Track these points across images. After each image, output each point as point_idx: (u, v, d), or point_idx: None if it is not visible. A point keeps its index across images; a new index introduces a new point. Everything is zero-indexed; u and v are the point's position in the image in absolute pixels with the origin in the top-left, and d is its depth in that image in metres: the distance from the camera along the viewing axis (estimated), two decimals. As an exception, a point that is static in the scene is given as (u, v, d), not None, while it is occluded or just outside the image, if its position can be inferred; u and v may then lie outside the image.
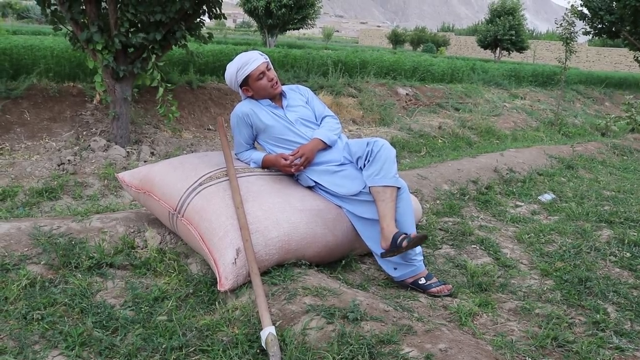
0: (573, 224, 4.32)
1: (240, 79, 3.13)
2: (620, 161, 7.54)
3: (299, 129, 3.20)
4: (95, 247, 3.05)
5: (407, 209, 2.97)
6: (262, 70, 3.10)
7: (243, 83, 3.15)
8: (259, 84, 3.11)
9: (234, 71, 3.14)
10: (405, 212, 2.95)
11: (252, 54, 3.15)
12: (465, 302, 2.84)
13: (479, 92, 11.48)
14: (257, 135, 3.27)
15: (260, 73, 3.09)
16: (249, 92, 3.19)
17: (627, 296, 3.01)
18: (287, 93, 3.31)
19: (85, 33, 4.93)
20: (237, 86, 3.20)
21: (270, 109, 3.21)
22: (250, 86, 3.15)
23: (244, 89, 3.19)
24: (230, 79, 3.18)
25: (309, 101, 3.38)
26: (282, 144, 3.20)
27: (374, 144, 2.95)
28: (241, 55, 3.17)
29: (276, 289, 2.59)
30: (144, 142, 5.64)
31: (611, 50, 41.02)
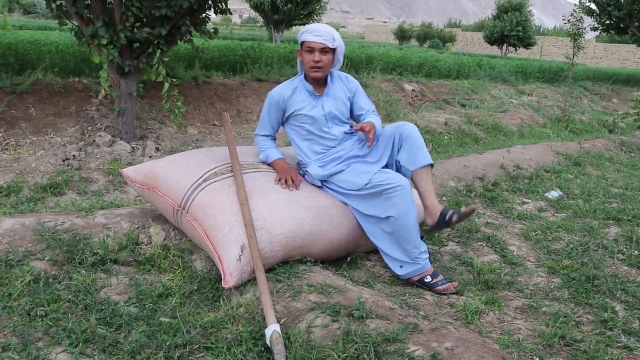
0: (580, 222, 4.28)
1: (300, 39, 3.14)
2: (628, 158, 7.48)
3: (327, 124, 3.19)
4: (100, 243, 3.04)
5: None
6: (315, 47, 3.06)
7: (300, 45, 3.15)
8: (305, 55, 3.10)
9: (303, 29, 3.16)
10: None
11: (324, 29, 3.11)
12: (471, 300, 2.82)
13: (486, 88, 11.41)
14: (286, 119, 3.24)
15: (311, 48, 3.06)
16: (300, 57, 3.17)
17: (635, 294, 2.98)
18: (332, 80, 3.27)
19: (91, 28, 4.90)
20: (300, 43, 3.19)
21: (308, 95, 3.18)
22: (302, 53, 3.14)
23: (298, 51, 3.18)
24: (298, 34, 3.19)
25: (353, 96, 3.34)
26: (305, 135, 3.20)
27: (403, 127, 3.07)
28: (319, 24, 3.17)
29: (281, 286, 2.57)
30: (149, 138, 5.63)
31: (619, 47, 40.77)
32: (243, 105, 7.30)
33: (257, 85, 7.76)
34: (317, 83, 3.20)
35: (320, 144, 3.19)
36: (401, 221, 2.87)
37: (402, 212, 2.86)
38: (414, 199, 2.94)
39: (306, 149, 3.23)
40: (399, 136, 3.08)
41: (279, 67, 8.58)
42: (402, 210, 2.86)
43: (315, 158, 3.20)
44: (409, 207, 2.88)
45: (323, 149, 3.20)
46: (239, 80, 7.69)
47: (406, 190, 2.87)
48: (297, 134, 3.24)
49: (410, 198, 2.89)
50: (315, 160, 3.19)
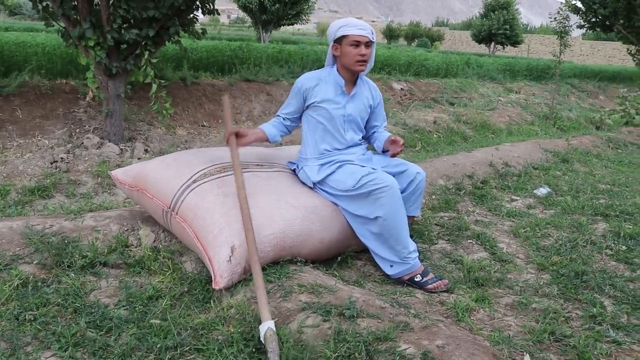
0: (569, 218, 4.31)
1: (340, 34, 3.08)
2: (615, 154, 7.55)
3: (344, 126, 3.21)
4: (89, 245, 3.02)
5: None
6: (361, 41, 3.05)
7: (338, 40, 3.11)
8: (349, 49, 3.06)
9: (340, 24, 3.12)
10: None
11: (366, 24, 3.11)
12: (462, 297, 2.83)
13: (474, 86, 11.45)
14: (307, 107, 3.22)
15: (357, 42, 3.04)
16: (336, 51, 3.13)
17: (623, 289, 3.01)
18: (362, 83, 3.28)
19: (78, 29, 4.87)
20: (331, 39, 3.15)
21: (337, 90, 3.17)
22: (341, 46, 3.10)
23: (334, 45, 3.14)
24: (332, 29, 3.15)
25: (376, 106, 3.37)
26: (318, 128, 3.19)
27: (417, 175, 3.20)
28: (356, 19, 3.17)
29: (271, 287, 2.57)
30: (137, 139, 5.60)
31: (605, 44, 41.09)
32: (232, 105, 7.28)
33: (245, 85, 7.74)
34: (350, 80, 3.20)
35: (328, 142, 3.19)
36: (389, 221, 2.88)
37: (390, 212, 2.87)
38: (401, 199, 2.94)
39: (312, 143, 3.22)
40: (411, 179, 3.19)
41: (267, 68, 8.56)
42: (390, 210, 2.87)
43: (316, 156, 3.19)
44: (397, 207, 2.88)
45: (329, 148, 3.20)
46: (227, 81, 7.66)
47: (394, 190, 2.87)
48: (310, 124, 3.22)
49: (398, 198, 2.90)
50: (316, 158, 3.19)
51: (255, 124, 7.12)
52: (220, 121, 6.85)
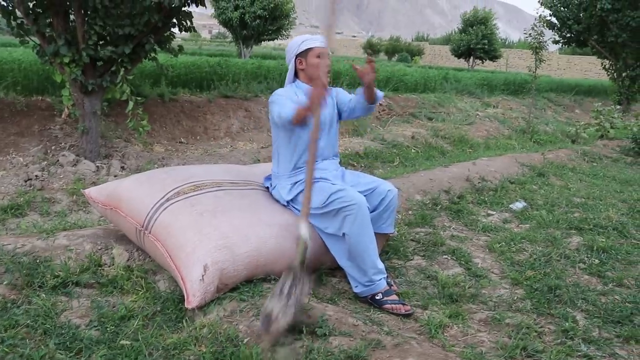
0: (544, 232, 4.36)
1: (303, 48, 3.13)
2: (590, 168, 7.65)
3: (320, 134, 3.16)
4: (61, 265, 2.98)
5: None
6: (324, 53, 3.03)
7: (302, 54, 3.14)
8: (316, 61, 3.11)
9: (301, 39, 3.16)
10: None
11: (322, 38, 3.12)
12: (435, 313, 2.84)
13: (452, 101, 11.58)
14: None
15: (322, 54, 3.07)
16: (301, 65, 3.16)
17: (595, 303, 3.05)
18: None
19: (52, 46, 4.85)
20: (293, 54, 3.17)
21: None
22: (306, 60, 3.14)
23: (298, 60, 3.17)
24: (293, 45, 3.18)
25: (337, 99, 3.39)
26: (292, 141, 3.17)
27: (388, 193, 3.16)
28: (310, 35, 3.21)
29: (244, 305, 2.56)
30: (114, 157, 5.56)
31: (581, 58, 41.83)
32: (210, 122, 7.27)
33: (224, 102, 7.75)
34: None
35: (300, 156, 3.18)
36: (355, 239, 2.88)
37: (356, 231, 2.87)
38: (369, 217, 2.94)
39: (286, 158, 3.19)
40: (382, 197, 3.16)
41: (246, 83, 8.58)
42: (356, 229, 2.87)
43: (288, 172, 3.18)
44: (363, 226, 2.88)
45: (302, 162, 3.19)
46: (205, 97, 7.66)
47: (360, 208, 2.87)
48: (284, 137, 3.18)
49: (365, 216, 2.89)
50: (288, 176, 3.18)
51: (233, 140, 7.12)
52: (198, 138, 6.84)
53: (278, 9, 22.62)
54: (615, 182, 6.60)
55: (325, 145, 3.28)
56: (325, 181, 3.08)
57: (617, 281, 3.40)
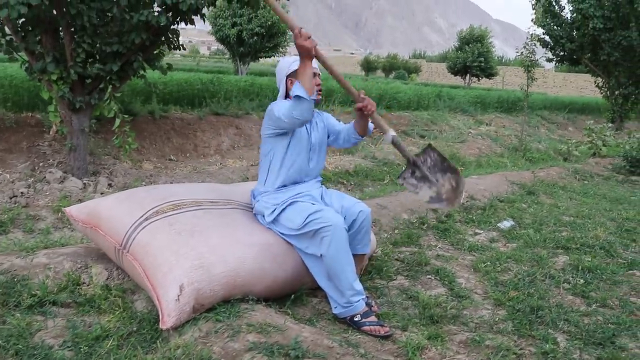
0: (530, 251, 4.34)
1: (293, 69, 3.14)
2: (581, 186, 7.65)
3: (309, 155, 3.24)
4: (39, 284, 2.95)
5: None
6: (315, 72, 3.13)
7: (292, 74, 3.15)
8: None
9: (291, 60, 3.19)
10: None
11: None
12: (414, 335, 2.82)
13: (445, 118, 11.62)
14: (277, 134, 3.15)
15: (313, 73, 3.06)
16: (292, 85, 3.12)
17: (577, 324, 3.03)
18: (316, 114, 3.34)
19: (40, 63, 4.86)
20: (284, 74, 3.19)
21: None
22: (293, 79, 3.13)
23: (289, 80, 3.18)
24: (283, 65, 3.21)
25: (327, 124, 3.41)
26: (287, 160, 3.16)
27: (360, 214, 3.13)
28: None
29: (220, 326, 2.54)
30: (101, 174, 5.55)
31: (577, 76, 42.06)
32: (200, 139, 7.28)
33: (214, 119, 7.76)
34: None
35: (291, 174, 3.17)
36: (332, 260, 2.86)
37: (333, 252, 2.85)
38: (346, 239, 2.92)
39: (274, 173, 3.17)
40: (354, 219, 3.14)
41: (238, 101, 8.60)
42: (333, 250, 2.85)
43: (274, 190, 3.16)
44: (339, 246, 2.86)
45: (291, 181, 3.19)
46: (196, 115, 7.68)
47: (337, 229, 2.85)
48: (278, 152, 3.16)
49: (342, 238, 2.87)
50: (274, 191, 3.16)
51: (223, 157, 7.12)
52: (188, 155, 6.84)
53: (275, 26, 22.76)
54: (606, 201, 6.61)
55: (314, 167, 3.31)
56: (305, 202, 3.07)
57: (601, 302, 3.38)
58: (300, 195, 3.13)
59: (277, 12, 2.99)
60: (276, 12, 2.99)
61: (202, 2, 4.79)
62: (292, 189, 3.18)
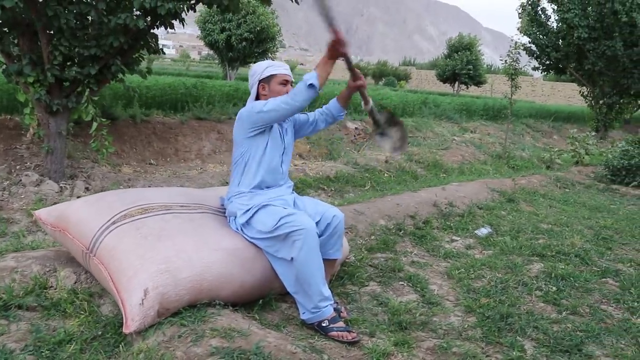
0: (505, 258, 4.35)
1: (266, 74, 3.16)
2: (562, 194, 7.68)
3: (282, 158, 3.26)
4: (5, 287, 2.92)
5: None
6: (288, 80, 3.19)
7: (265, 79, 3.17)
8: (279, 87, 3.15)
9: (265, 65, 3.20)
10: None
11: (286, 65, 3.26)
12: (382, 341, 2.81)
13: (430, 125, 11.65)
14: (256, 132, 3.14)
15: (285, 81, 3.17)
16: (264, 90, 3.18)
17: (546, 331, 3.04)
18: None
19: (16, 65, 4.83)
20: (257, 79, 3.19)
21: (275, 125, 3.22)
22: (269, 85, 3.16)
23: (261, 85, 3.19)
24: (257, 69, 3.21)
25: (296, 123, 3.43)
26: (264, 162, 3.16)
27: (334, 218, 3.15)
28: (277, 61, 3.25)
29: (184, 331, 2.52)
30: (79, 177, 5.52)
31: (565, 85, 42.37)
32: (181, 143, 7.26)
33: (196, 124, 7.74)
34: None
35: (267, 174, 3.17)
36: (302, 265, 2.86)
37: (304, 256, 2.85)
38: (317, 243, 2.92)
39: (250, 173, 3.16)
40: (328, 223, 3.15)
41: (221, 106, 8.58)
42: (303, 254, 2.84)
43: (248, 190, 3.14)
44: (310, 251, 2.86)
45: (266, 183, 3.19)
46: (178, 119, 7.65)
47: (309, 233, 2.85)
48: (256, 151, 3.16)
49: (313, 242, 2.87)
50: (248, 191, 3.13)
51: (204, 162, 7.10)
52: (168, 159, 6.81)
53: (264, 31, 22.76)
54: (585, 209, 6.64)
55: (285, 170, 3.33)
56: (278, 206, 3.07)
57: (571, 309, 3.39)
58: (274, 199, 3.13)
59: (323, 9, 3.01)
60: (322, 9, 3.01)
61: (181, 7, 4.79)
62: (266, 192, 3.18)
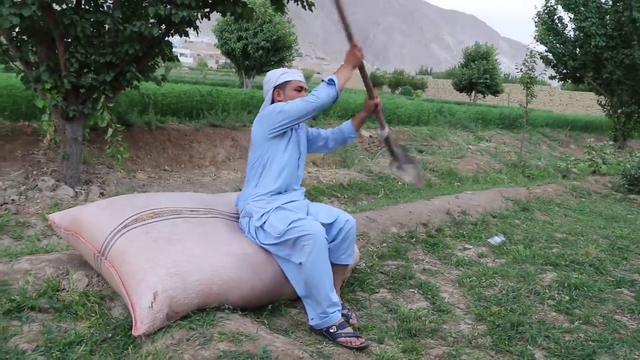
0: (518, 267, 4.32)
1: (281, 81, 3.22)
2: (578, 203, 7.60)
3: (298, 163, 3.30)
4: (19, 289, 2.96)
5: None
6: (302, 86, 3.25)
7: (280, 85, 3.22)
8: (294, 94, 3.21)
9: (280, 72, 3.27)
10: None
11: (300, 72, 3.33)
12: (390, 347, 2.80)
13: (445, 134, 11.61)
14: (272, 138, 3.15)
15: (300, 87, 3.23)
16: (279, 96, 3.22)
17: (558, 341, 3.01)
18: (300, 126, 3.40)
19: (34, 72, 4.92)
20: (272, 85, 3.24)
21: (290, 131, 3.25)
22: (284, 91, 3.21)
23: (276, 91, 3.23)
24: (272, 76, 3.27)
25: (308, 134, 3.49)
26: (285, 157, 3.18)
27: (346, 223, 3.15)
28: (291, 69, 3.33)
29: (192, 334, 2.53)
30: (94, 183, 5.59)
31: (583, 94, 41.97)
32: (196, 150, 7.31)
33: (211, 131, 7.80)
34: None
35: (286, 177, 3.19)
36: (310, 270, 2.86)
37: (312, 260, 2.85)
38: (326, 249, 2.92)
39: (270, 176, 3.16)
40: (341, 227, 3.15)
41: (235, 113, 8.64)
42: (312, 259, 2.85)
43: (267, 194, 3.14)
44: (319, 256, 2.86)
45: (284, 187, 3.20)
46: (193, 126, 7.72)
47: (317, 238, 2.85)
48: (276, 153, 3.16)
49: (322, 247, 2.87)
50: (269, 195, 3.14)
51: (218, 169, 7.15)
52: (183, 166, 6.87)
53: (281, 40, 22.91)
54: (601, 218, 6.57)
55: (300, 175, 3.36)
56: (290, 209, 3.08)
57: (584, 319, 3.35)
58: (288, 204, 3.14)
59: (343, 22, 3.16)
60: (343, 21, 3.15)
61: (195, 15, 4.84)
62: (283, 196, 3.19)
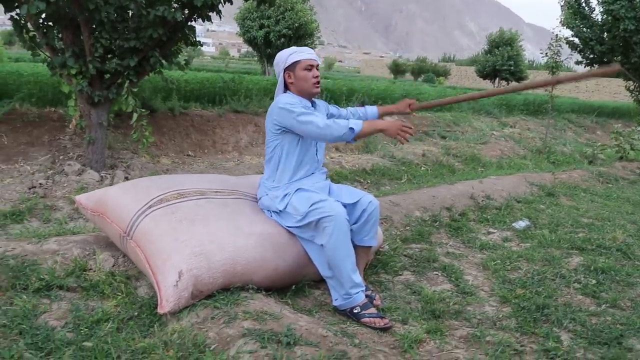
0: (543, 251, 4.27)
1: (290, 62, 3.11)
2: (605, 189, 7.48)
3: (316, 146, 3.25)
4: (47, 269, 3.02)
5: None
6: (313, 64, 3.13)
7: (290, 67, 3.13)
8: (304, 73, 3.11)
9: (288, 52, 3.16)
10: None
11: (311, 50, 3.20)
12: (414, 328, 2.80)
13: (468, 120, 11.50)
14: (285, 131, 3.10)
15: (310, 65, 3.11)
16: (290, 79, 3.14)
17: (584, 324, 2.96)
18: (316, 103, 3.32)
19: (60, 58, 4.98)
20: (282, 67, 3.15)
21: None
22: (294, 72, 3.12)
23: (286, 73, 3.15)
24: (281, 58, 3.17)
25: (325, 109, 3.42)
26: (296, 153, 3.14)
27: (369, 204, 3.12)
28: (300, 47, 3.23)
29: (217, 313, 2.56)
30: (119, 167, 5.65)
31: (610, 81, 41.13)
32: (219, 136, 7.35)
33: (234, 116, 7.83)
34: (310, 102, 3.23)
35: (305, 165, 3.18)
36: (332, 251, 2.85)
37: (333, 241, 2.84)
38: (348, 230, 2.91)
39: (287, 168, 3.15)
40: (364, 209, 3.13)
41: (258, 99, 8.65)
42: (333, 239, 2.84)
43: (285, 183, 3.15)
44: (340, 238, 2.85)
45: (304, 173, 3.19)
46: (216, 112, 7.75)
47: (338, 220, 2.84)
48: (289, 148, 3.14)
49: (344, 229, 2.86)
50: (286, 185, 3.15)
51: (241, 154, 7.18)
52: (206, 151, 6.91)
53: (302, 28, 22.89)
54: (629, 204, 6.45)
55: (320, 157, 3.32)
56: (312, 191, 3.08)
57: (611, 302, 3.30)
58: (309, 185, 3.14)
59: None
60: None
61: (217, -1, 4.85)
62: (301, 182, 3.19)
